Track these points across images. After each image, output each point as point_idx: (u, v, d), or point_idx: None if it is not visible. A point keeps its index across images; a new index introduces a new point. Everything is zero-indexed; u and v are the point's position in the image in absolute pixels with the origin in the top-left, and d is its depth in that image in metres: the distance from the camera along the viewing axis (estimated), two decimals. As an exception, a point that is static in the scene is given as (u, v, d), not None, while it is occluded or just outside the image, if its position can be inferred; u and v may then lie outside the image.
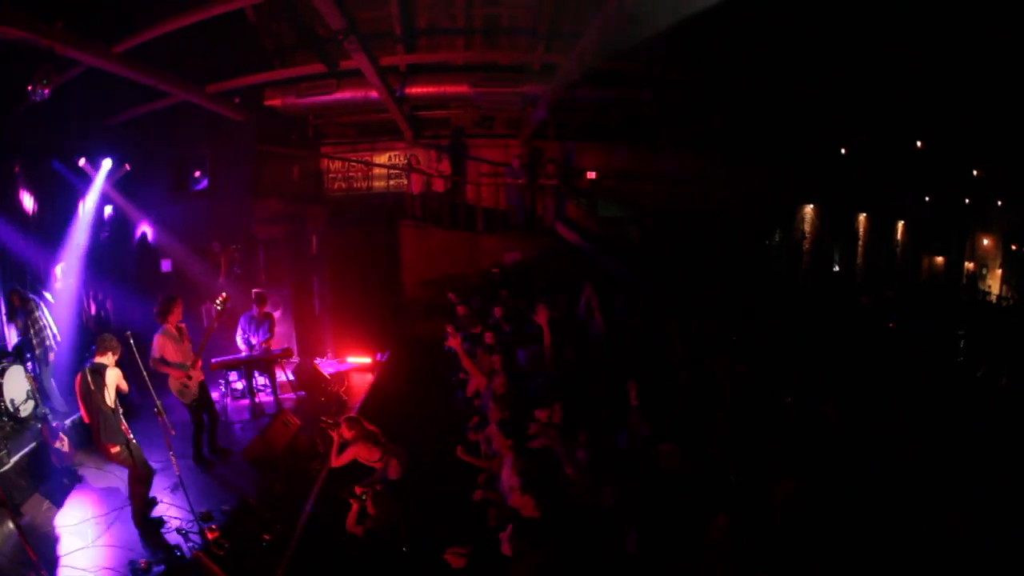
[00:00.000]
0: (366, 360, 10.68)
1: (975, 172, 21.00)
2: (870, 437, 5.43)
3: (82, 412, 5.97)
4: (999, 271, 24.17)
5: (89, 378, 5.77)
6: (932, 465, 5.02)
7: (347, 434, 6.11)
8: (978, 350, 11.27)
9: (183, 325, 7.16)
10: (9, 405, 6.91)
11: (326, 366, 10.42)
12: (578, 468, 4.95)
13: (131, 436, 5.89)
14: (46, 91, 7.09)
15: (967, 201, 23.23)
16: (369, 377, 10.17)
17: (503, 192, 14.44)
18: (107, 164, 9.84)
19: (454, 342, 7.67)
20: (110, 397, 5.77)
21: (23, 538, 4.79)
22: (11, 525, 5.43)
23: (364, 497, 5.35)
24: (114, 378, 5.85)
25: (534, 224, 14.05)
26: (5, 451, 6.23)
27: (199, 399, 7.18)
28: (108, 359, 5.90)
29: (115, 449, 5.77)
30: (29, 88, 7.05)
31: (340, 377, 9.92)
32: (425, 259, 13.53)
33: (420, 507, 5.53)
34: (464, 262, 13.33)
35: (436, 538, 4.99)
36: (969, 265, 24.93)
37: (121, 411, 5.91)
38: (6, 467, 6.10)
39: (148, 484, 6.03)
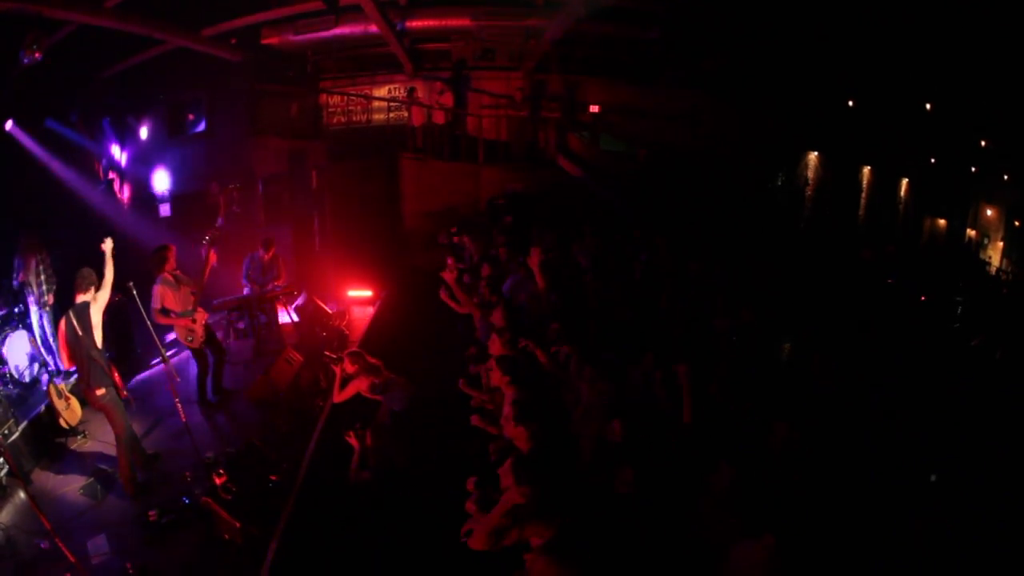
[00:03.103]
0: (367, 293, 10.67)
1: (983, 143, 20.67)
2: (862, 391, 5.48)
3: (65, 358, 5.75)
4: (1000, 243, 24.00)
5: (75, 322, 5.46)
6: (924, 426, 5.08)
7: (350, 368, 6.06)
8: (975, 319, 11.26)
9: (179, 272, 6.96)
10: (14, 371, 6.86)
11: (327, 300, 10.41)
12: (597, 397, 4.77)
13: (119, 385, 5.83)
14: (37, 55, 6.89)
15: (973, 170, 22.93)
16: (370, 310, 10.16)
17: (504, 124, 14.15)
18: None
19: (449, 276, 7.49)
20: (99, 338, 5.56)
21: (35, 507, 4.73)
22: (23, 495, 5.48)
23: (363, 432, 5.33)
24: (98, 315, 5.57)
25: (536, 156, 13.87)
26: (13, 419, 6.11)
27: (206, 340, 7.13)
28: (91, 295, 5.57)
29: (100, 391, 5.57)
30: (21, 54, 6.83)
31: (341, 311, 9.91)
32: (426, 191, 13.42)
33: (423, 440, 5.58)
34: (465, 194, 13.25)
35: (437, 472, 5.07)
36: (971, 232, 24.79)
37: (107, 355, 5.75)
38: (15, 436, 6.03)
39: (130, 438, 5.88)
